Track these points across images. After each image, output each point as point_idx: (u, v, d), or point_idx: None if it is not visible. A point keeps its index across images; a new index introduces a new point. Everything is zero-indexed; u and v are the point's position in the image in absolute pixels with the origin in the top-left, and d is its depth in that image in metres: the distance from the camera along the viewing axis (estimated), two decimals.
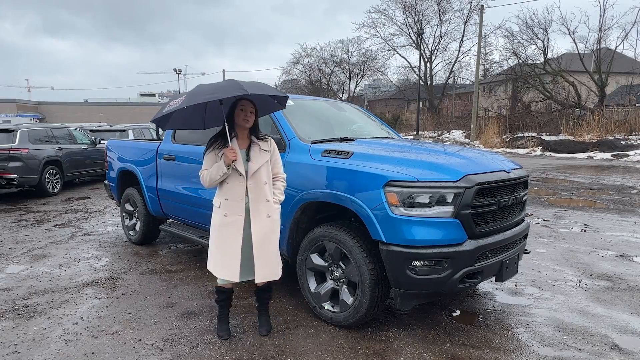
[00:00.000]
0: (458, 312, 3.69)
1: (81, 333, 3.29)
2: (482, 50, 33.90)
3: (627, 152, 18.98)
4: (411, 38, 38.39)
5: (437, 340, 3.20)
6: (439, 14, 37.24)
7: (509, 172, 3.39)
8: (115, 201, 6.32)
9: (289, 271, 3.70)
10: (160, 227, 5.45)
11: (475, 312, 3.70)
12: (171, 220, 5.34)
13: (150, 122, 3.43)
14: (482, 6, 28.52)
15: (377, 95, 65.70)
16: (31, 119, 38.16)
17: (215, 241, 3.04)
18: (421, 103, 34.56)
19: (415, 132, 31.04)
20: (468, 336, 3.26)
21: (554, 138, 22.68)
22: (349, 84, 47.93)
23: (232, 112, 2.97)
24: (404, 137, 5.57)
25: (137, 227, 5.69)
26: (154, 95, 79.28)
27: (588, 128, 22.34)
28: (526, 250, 3.87)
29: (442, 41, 38.84)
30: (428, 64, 39.35)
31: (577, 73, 26.33)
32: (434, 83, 41.92)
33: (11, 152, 9.06)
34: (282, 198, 3.14)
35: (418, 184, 2.92)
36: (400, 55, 50.94)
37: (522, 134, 24.84)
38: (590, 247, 5.56)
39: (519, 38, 28.97)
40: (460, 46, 37.70)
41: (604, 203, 8.60)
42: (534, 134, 24.18)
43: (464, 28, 36.93)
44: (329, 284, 3.41)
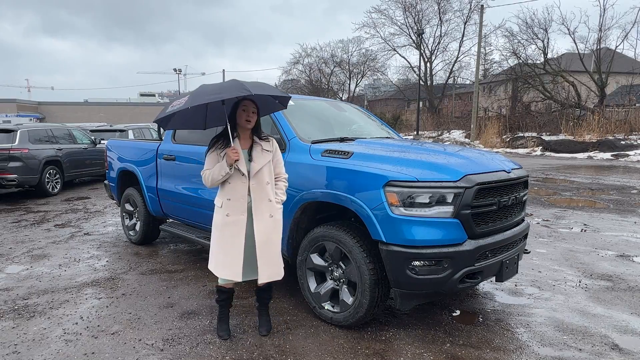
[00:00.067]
0: (458, 312, 3.69)
1: (81, 333, 3.30)
2: (482, 50, 33.92)
3: (627, 152, 18.99)
4: (411, 38, 38.45)
5: (437, 340, 3.20)
6: (439, 14, 37.29)
7: (509, 172, 3.39)
8: (115, 201, 6.32)
9: (289, 271, 3.69)
10: (160, 227, 5.45)
11: (475, 312, 3.70)
12: (171, 220, 5.35)
13: (153, 122, 3.43)
14: (482, 6, 28.55)
15: (377, 95, 65.68)
16: (31, 119, 38.14)
17: (217, 241, 3.03)
18: (421, 103, 34.56)
19: (415, 132, 31.04)
20: (468, 336, 3.26)
21: (554, 138, 22.69)
22: (349, 84, 47.97)
23: (234, 112, 2.98)
24: (404, 137, 5.57)
25: (137, 227, 5.69)
26: (154, 95, 79.26)
27: (588, 128, 22.34)
28: (526, 250, 3.87)
29: (442, 41, 38.93)
30: (428, 64, 39.37)
31: (577, 73, 26.34)
32: (434, 83, 41.94)
33: (11, 152, 9.07)
34: (284, 198, 3.15)
35: (418, 184, 2.92)
36: (400, 55, 51.05)
37: (522, 134, 24.85)
38: (590, 247, 5.56)
39: (519, 38, 29.03)
40: (460, 46, 37.78)
41: (604, 203, 8.60)
42: (534, 134, 24.18)
43: (464, 28, 37.01)
44: (329, 284, 3.41)
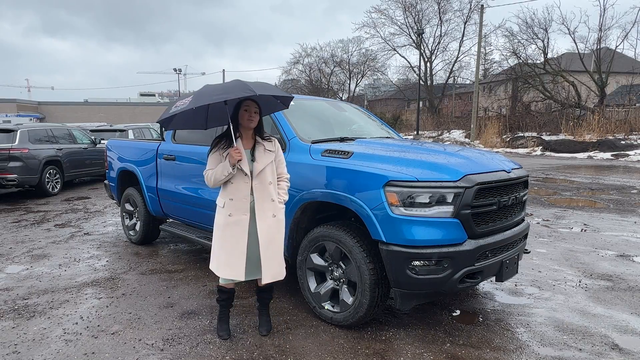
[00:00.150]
0: (458, 312, 3.69)
1: (81, 333, 3.30)
2: (482, 50, 33.92)
3: (627, 152, 18.99)
4: (411, 38, 38.47)
5: (437, 340, 3.20)
6: (439, 14, 37.31)
7: (509, 172, 3.39)
8: (115, 201, 6.32)
9: (289, 271, 3.69)
10: (160, 227, 5.45)
11: (475, 312, 3.70)
12: (171, 220, 5.35)
13: (156, 122, 3.43)
14: (482, 6, 28.54)
15: (377, 95, 65.69)
16: (31, 119, 38.12)
17: (219, 241, 3.02)
18: (421, 103, 34.55)
19: (415, 132, 31.02)
20: (468, 336, 3.26)
21: (554, 138, 22.69)
22: (349, 84, 47.98)
23: (236, 113, 2.98)
24: (404, 137, 5.56)
25: (137, 227, 5.69)
26: (154, 95, 79.30)
27: (588, 128, 22.35)
28: (526, 250, 3.87)
29: (442, 41, 38.96)
30: (428, 64, 39.37)
31: (577, 73, 26.33)
32: (434, 83, 41.95)
33: (11, 152, 9.07)
34: (287, 198, 3.15)
35: (418, 184, 2.92)
36: (400, 55, 51.20)
37: (522, 134, 24.86)
38: (590, 247, 5.56)
39: (519, 38, 29.04)
40: (460, 46, 37.80)
41: (604, 203, 8.60)
42: (534, 134, 24.19)
43: (464, 28, 37.04)
44: (329, 284, 3.41)
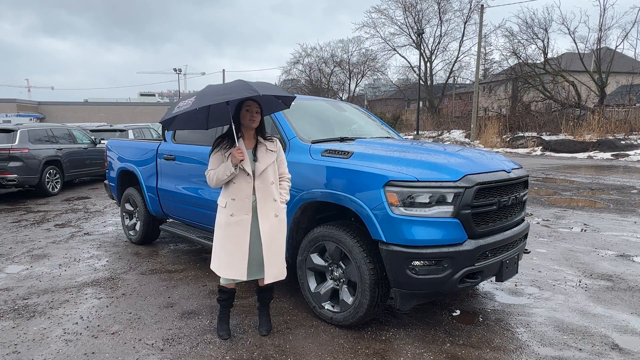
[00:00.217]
0: (458, 312, 3.69)
1: (81, 333, 3.30)
2: (482, 50, 33.91)
3: (627, 152, 18.99)
4: (411, 38, 38.47)
5: (437, 340, 3.20)
6: (439, 14, 37.31)
7: (509, 172, 3.39)
8: (115, 201, 6.32)
9: (289, 271, 3.69)
10: (160, 227, 5.45)
11: (475, 312, 3.70)
12: (171, 220, 5.35)
13: (159, 123, 3.43)
14: (482, 6, 28.54)
15: (377, 95, 65.69)
16: (31, 119, 38.13)
17: (220, 241, 3.02)
18: (421, 103, 34.55)
19: (415, 132, 31.02)
20: (468, 336, 3.26)
21: (554, 138, 22.69)
22: (349, 84, 47.98)
23: (238, 113, 2.98)
24: (404, 137, 5.56)
25: (137, 227, 5.69)
26: (154, 95, 79.31)
27: (588, 128, 22.35)
28: (526, 250, 3.87)
29: (442, 41, 38.95)
30: (428, 64, 39.37)
31: (577, 73, 26.34)
32: (434, 83, 41.95)
33: (11, 152, 9.07)
34: (288, 198, 3.15)
35: (418, 184, 2.92)
36: (400, 55, 51.24)
37: (522, 134, 24.86)
38: (590, 247, 5.56)
39: (519, 38, 29.04)
40: (460, 46, 37.80)
41: (604, 203, 8.60)
42: (534, 134, 24.19)
43: (464, 28, 37.04)
44: (329, 284, 3.41)
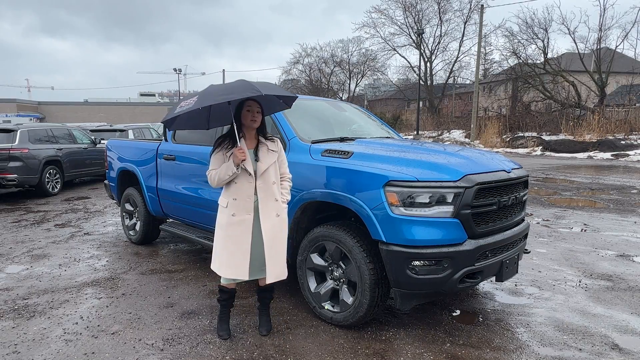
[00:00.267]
0: (458, 312, 3.69)
1: (81, 333, 3.30)
2: (482, 50, 33.91)
3: (627, 152, 18.99)
4: (411, 38, 38.46)
5: (437, 340, 3.20)
6: (439, 14, 37.31)
7: (509, 172, 3.39)
8: (115, 201, 6.32)
9: (289, 271, 3.69)
10: (160, 227, 5.45)
11: (475, 312, 3.70)
12: (171, 220, 5.35)
13: (161, 122, 3.43)
14: (482, 6, 28.53)
15: (377, 95, 65.68)
16: (31, 119, 38.14)
17: (221, 241, 3.02)
18: (421, 103, 34.55)
19: (415, 132, 31.03)
20: (468, 336, 3.26)
21: (554, 138, 22.69)
22: (349, 84, 47.98)
23: (239, 113, 2.97)
24: (404, 137, 5.56)
25: (137, 227, 5.69)
26: (154, 95, 79.29)
27: (588, 128, 22.35)
28: (526, 250, 3.87)
29: (442, 41, 38.96)
30: (428, 64, 39.37)
31: (577, 73, 26.34)
32: (434, 83, 41.95)
33: (11, 152, 9.07)
34: (289, 198, 3.15)
35: (418, 184, 2.92)
36: (400, 55, 51.28)
37: (522, 134, 24.86)
38: (590, 247, 5.56)
39: (519, 38, 29.05)
40: (460, 46, 37.80)
41: (604, 203, 8.60)
42: (534, 134, 24.19)
43: (464, 28, 37.05)
44: (329, 284, 3.41)
